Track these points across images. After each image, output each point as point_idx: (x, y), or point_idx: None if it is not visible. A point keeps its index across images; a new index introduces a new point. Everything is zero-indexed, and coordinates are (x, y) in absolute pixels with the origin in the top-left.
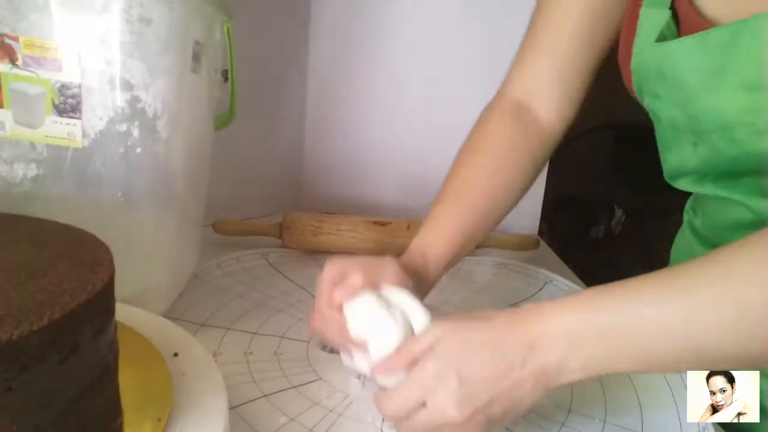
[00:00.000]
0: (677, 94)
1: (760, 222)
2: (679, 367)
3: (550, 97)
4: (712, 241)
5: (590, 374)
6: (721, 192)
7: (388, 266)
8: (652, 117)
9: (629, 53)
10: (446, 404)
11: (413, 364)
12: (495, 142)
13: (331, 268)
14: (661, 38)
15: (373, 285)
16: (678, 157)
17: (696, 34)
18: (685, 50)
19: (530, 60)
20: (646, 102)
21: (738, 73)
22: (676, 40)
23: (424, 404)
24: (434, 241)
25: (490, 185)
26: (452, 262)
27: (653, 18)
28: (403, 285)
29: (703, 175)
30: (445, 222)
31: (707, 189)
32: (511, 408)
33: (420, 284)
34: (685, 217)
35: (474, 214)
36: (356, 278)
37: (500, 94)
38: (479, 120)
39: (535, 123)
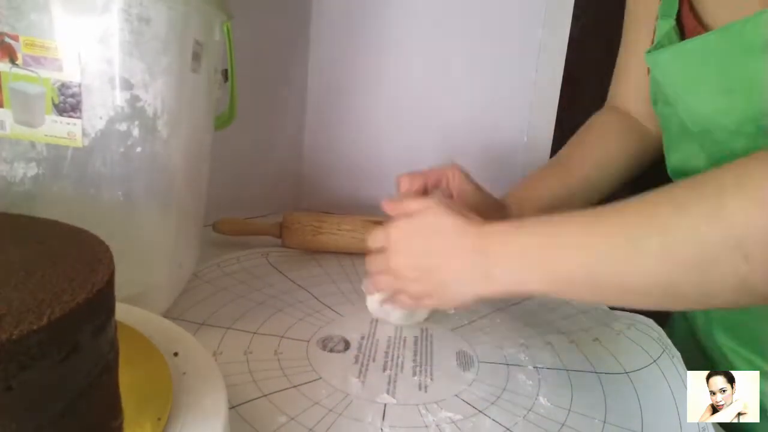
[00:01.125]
0: (671, 98)
1: None
2: (591, 295)
3: (642, 108)
4: None
5: (512, 287)
6: None
7: (459, 176)
8: (661, 122)
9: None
10: (395, 254)
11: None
12: (601, 131)
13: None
14: (657, 47)
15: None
16: (683, 157)
17: (674, 45)
18: (666, 59)
19: (621, 77)
20: (659, 109)
21: (709, 78)
22: (659, 50)
23: (385, 249)
24: (527, 193)
25: (593, 161)
26: (538, 206)
27: (661, 29)
28: (463, 197)
29: None
30: (541, 181)
31: None
32: (446, 287)
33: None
34: None
35: (575, 182)
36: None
37: (605, 105)
38: (585, 123)
39: (636, 122)
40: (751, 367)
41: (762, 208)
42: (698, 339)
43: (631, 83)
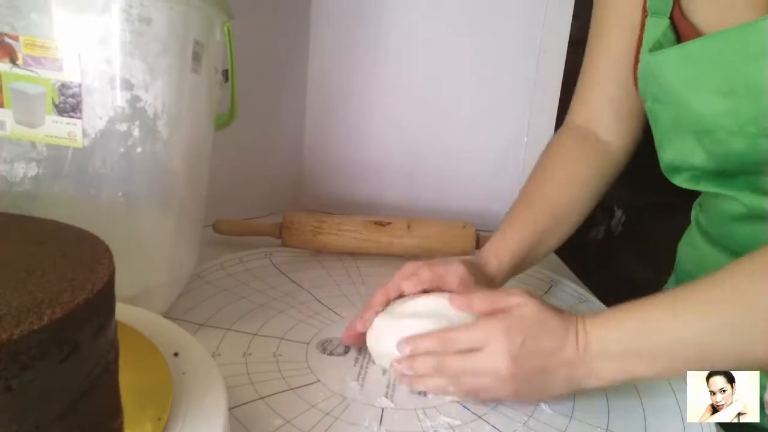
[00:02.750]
0: (670, 98)
1: (752, 215)
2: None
3: (607, 122)
4: (714, 236)
5: (617, 381)
6: (715, 189)
7: (453, 269)
8: (650, 117)
9: (637, 60)
10: (503, 354)
11: (491, 312)
12: (563, 160)
13: (406, 266)
14: (657, 46)
15: (437, 283)
16: (677, 154)
17: (676, 47)
18: (669, 60)
19: (586, 91)
20: (649, 104)
21: (712, 80)
22: (661, 51)
23: (481, 349)
24: (502, 246)
25: (558, 197)
26: (520, 265)
27: (654, 26)
28: (467, 285)
29: (701, 172)
30: (513, 229)
31: (702, 186)
32: (543, 387)
33: (490, 285)
34: (693, 213)
35: (542, 223)
36: (424, 273)
37: (565, 124)
38: (547, 146)
39: (598, 143)
40: None
41: None
42: None
43: (603, 95)
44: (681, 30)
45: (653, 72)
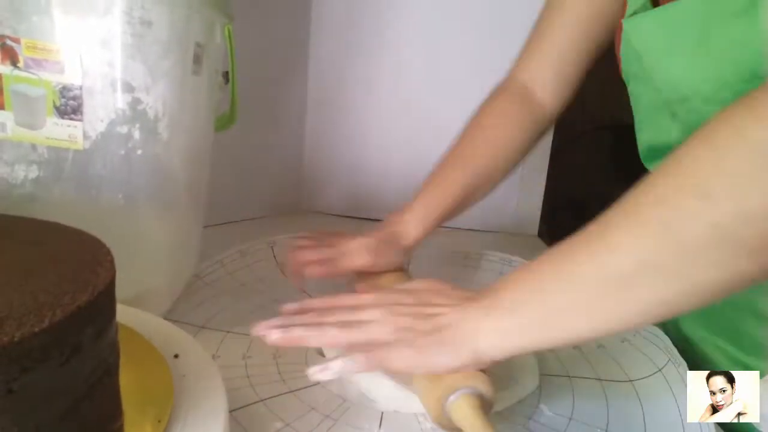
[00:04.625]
0: (647, 67)
1: None
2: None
3: (549, 84)
4: None
5: (509, 345)
6: None
7: (356, 247)
8: (632, 102)
9: (620, 40)
10: (386, 304)
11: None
12: (498, 121)
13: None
14: (633, 13)
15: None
16: (654, 135)
17: (654, 9)
18: (646, 25)
19: (535, 51)
20: (631, 87)
21: (688, 43)
22: (639, 15)
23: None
24: (426, 211)
25: (487, 160)
26: (435, 228)
27: None
28: (371, 266)
29: None
30: (439, 193)
31: None
32: (425, 325)
33: (403, 253)
34: None
35: (468, 185)
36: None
37: (509, 76)
38: (488, 97)
39: (535, 103)
40: (725, 355)
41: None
42: (667, 329)
43: (553, 52)
44: None
45: (631, 41)
